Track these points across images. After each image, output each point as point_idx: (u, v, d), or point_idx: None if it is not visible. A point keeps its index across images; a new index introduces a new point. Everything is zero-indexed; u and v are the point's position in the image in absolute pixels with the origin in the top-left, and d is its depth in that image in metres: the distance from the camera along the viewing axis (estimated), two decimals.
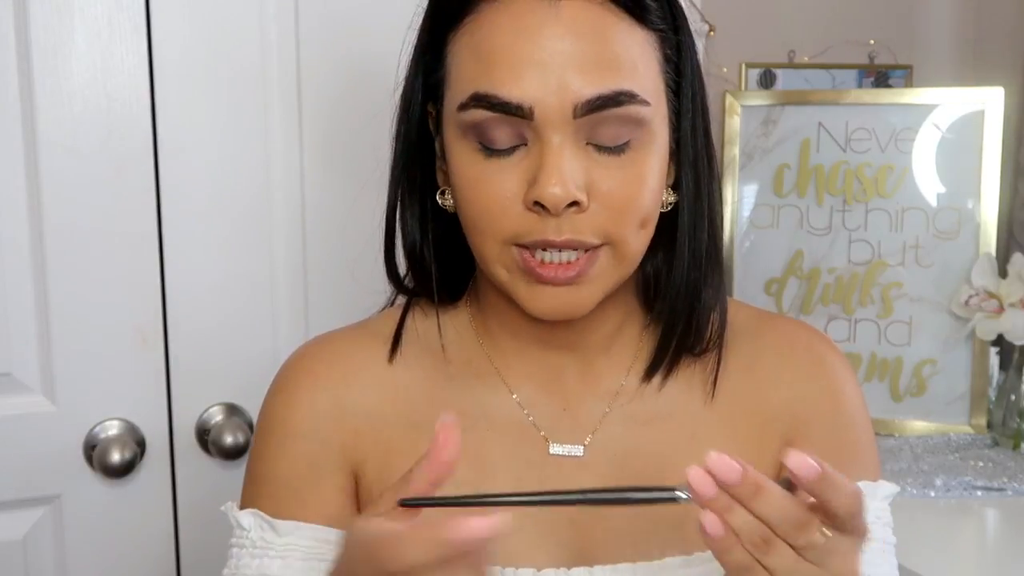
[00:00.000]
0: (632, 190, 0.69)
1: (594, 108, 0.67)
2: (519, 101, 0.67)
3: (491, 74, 0.67)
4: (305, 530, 0.76)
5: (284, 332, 1.24)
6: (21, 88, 1.12)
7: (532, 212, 0.68)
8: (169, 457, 1.22)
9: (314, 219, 1.25)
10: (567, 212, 0.67)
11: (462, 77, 0.70)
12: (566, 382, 0.79)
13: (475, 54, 0.69)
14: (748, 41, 1.60)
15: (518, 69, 0.67)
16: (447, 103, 0.72)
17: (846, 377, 0.82)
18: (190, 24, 1.16)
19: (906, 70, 1.64)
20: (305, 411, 0.79)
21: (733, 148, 1.52)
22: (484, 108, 0.68)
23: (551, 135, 0.67)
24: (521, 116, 0.67)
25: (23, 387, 1.16)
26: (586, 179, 0.68)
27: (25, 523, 1.18)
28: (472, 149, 0.70)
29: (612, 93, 0.67)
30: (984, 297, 1.41)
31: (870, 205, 1.48)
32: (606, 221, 0.69)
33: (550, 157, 0.67)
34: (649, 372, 0.79)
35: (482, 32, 0.69)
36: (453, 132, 0.71)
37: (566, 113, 0.67)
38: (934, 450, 1.40)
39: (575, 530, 0.76)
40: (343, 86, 1.24)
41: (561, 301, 0.70)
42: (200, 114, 1.18)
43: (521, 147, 0.69)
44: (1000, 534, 1.23)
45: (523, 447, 0.78)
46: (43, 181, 1.13)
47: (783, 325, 0.84)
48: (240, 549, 0.77)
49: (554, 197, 0.66)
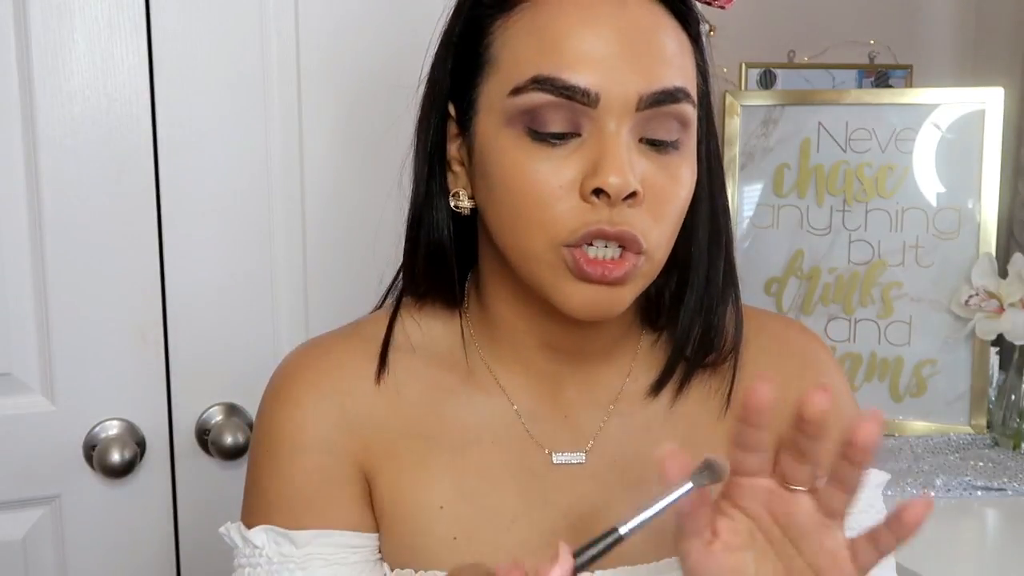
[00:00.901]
0: (673, 191, 0.70)
1: (656, 102, 0.67)
2: (587, 86, 0.66)
3: (557, 58, 0.67)
4: (325, 537, 0.75)
5: (284, 332, 1.24)
6: (21, 88, 1.12)
7: (587, 203, 0.67)
8: (169, 457, 1.22)
9: (314, 219, 1.24)
10: (621, 206, 0.67)
11: (519, 60, 0.69)
12: (566, 391, 0.79)
13: (537, 37, 0.68)
14: (748, 41, 1.60)
15: (586, 56, 0.67)
16: (488, 90, 0.71)
17: (832, 371, 0.83)
18: (190, 24, 1.16)
19: (906, 70, 1.64)
20: (312, 423, 0.77)
21: (733, 148, 1.52)
22: (546, 91, 0.67)
23: (614, 124, 0.67)
24: (585, 103, 0.67)
25: (23, 387, 1.16)
26: (640, 174, 0.68)
27: (25, 523, 1.18)
28: (520, 136, 0.68)
29: (674, 88, 0.68)
30: (984, 297, 1.41)
31: (870, 205, 1.48)
32: (649, 220, 0.68)
33: (611, 146, 0.67)
34: (657, 387, 0.79)
35: (544, 17, 0.69)
36: (495, 121, 0.70)
37: (630, 104, 0.67)
38: (934, 450, 1.40)
39: (576, 536, 0.76)
40: (343, 85, 1.24)
41: (602, 298, 0.69)
42: (200, 114, 1.18)
43: (573, 137, 0.68)
44: (1000, 534, 1.23)
45: (526, 457, 0.77)
46: (43, 180, 1.13)
47: (771, 324, 0.84)
48: (252, 568, 0.76)
49: (617, 185, 0.66)
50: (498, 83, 0.70)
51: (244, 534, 0.77)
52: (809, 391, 0.57)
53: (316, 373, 0.78)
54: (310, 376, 0.78)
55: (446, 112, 0.75)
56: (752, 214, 1.53)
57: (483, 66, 0.71)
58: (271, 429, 0.78)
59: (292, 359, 0.81)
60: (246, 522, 0.78)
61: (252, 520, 0.78)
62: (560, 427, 0.78)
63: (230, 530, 0.79)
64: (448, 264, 0.77)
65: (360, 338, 0.80)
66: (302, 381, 0.78)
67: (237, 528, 0.78)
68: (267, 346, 1.23)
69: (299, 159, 1.23)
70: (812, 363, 0.82)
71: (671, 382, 0.78)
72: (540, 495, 0.77)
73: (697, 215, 0.75)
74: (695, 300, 0.75)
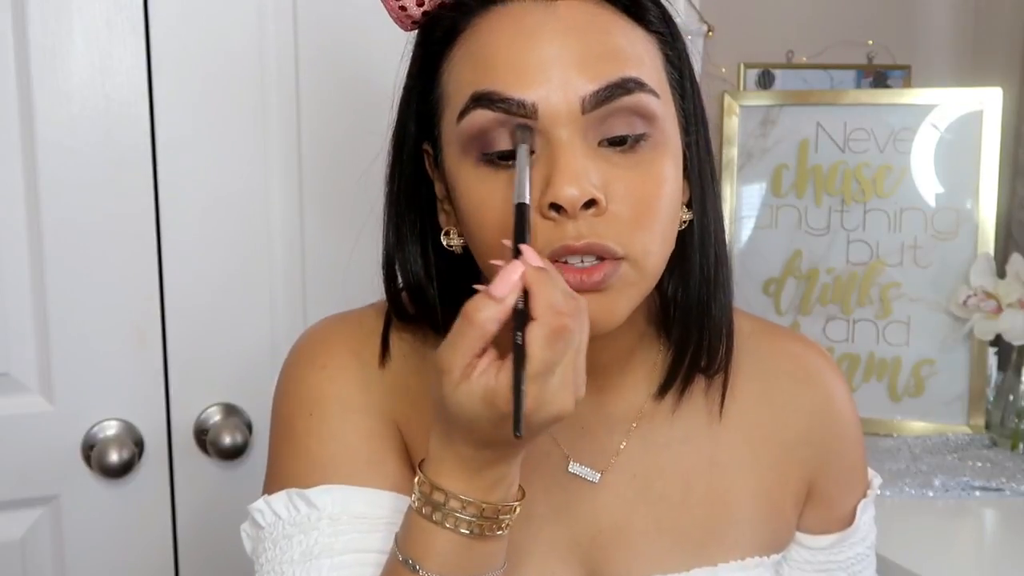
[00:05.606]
0: (649, 190, 0.66)
1: (603, 100, 0.64)
2: (521, 98, 0.64)
3: (490, 74, 0.65)
4: (401, 502, 0.71)
5: (282, 333, 1.23)
6: (20, 88, 1.12)
7: (548, 220, 0.64)
8: (167, 457, 1.22)
9: (312, 218, 1.25)
10: (585, 215, 0.64)
11: (461, 84, 0.67)
12: (583, 404, 0.77)
13: (472, 61, 0.67)
14: (746, 41, 1.60)
15: (519, 67, 0.65)
16: (445, 124, 0.69)
17: (847, 397, 0.84)
18: (188, 24, 1.16)
19: (904, 70, 1.64)
20: (357, 386, 0.75)
21: (732, 148, 1.52)
22: (485, 107, 0.65)
23: (559, 133, 0.64)
24: (525, 115, 0.64)
25: (21, 387, 1.16)
26: (602, 180, 0.64)
27: (23, 523, 1.18)
28: (475, 165, 0.66)
29: (619, 80, 0.65)
30: (982, 297, 1.41)
31: (868, 205, 1.48)
32: (626, 227, 0.65)
33: (561, 155, 0.64)
34: (662, 391, 0.77)
35: (479, 41, 0.68)
36: (454, 154, 0.68)
37: (573, 110, 0.64)
38: (932, 450, 1.40)
39: (597, 549, 0.76)
40: (341, 86, 1.24)
41: (591, 309, 0.63)
42: (198, 114, 1.18)
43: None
44: (998, 534, 1.23)
45: (550, 464, 0.77)
46: (41, 181, 1.13)
47: (792, 347, 0.84)
48: (305, 535, 0.71)
49: (570, 196, 0.62)
50: (449, 115, 0.69)
51: (304, 494, 0.72)
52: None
53: (355, 341, 0.78)
54: (351, 344, 0.78)
55: (417, 154, 0.74)
56: (750, 214, 1.53)
57: (437, 103, 0.70)
58: (308, 389, 0.76)
59: (324, 327, 0.80)
60: (287, 487, 0.73)
61: (304, 482, 0.73)
62: (579, 437, 0.78)
63: (271, 503, 0.73)
64: (429, 300, 0.75)
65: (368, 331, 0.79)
66: (342, 346, 0.77)
67: (287, 495, 0.73)
68: (265, 347, 1.23)
69: (297, 160, 1.23)
70: (832, 395, 0.82)
71: (675, 387, 0.77)
72: (561, 503, 0.76)
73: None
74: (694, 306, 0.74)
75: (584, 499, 0.77)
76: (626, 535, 0.76)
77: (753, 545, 0.78)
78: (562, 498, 0.76)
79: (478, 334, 0.57)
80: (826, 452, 0.81)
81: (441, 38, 0.70)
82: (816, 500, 0.82)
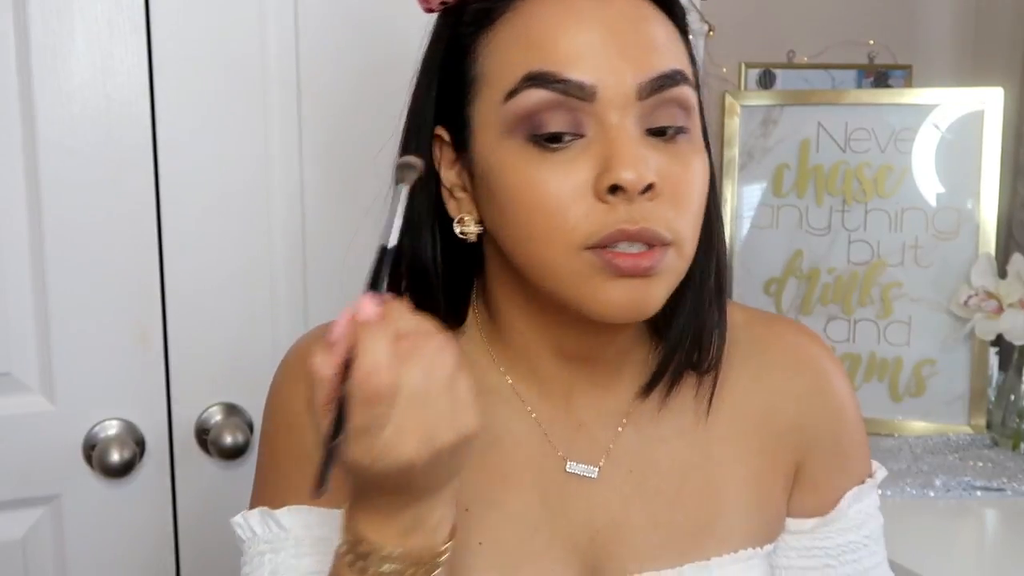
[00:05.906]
0: (690, 178, 0.68)
1: (656, 88, 0.66)
2: (581, 80, 0.65)
3: (547, 54, 0.65)
4: None
5: (284, 332, 1.24)
6: (21, 88, 1.12)
7: (603, 203, 0.64)
8: (168, 457, 1.22)
9: (314, 219, 1.25)
10: (640, 200, 0.64)
11: (509, 65, 0.67)
12: (579, 399, 0.78)
13: (524, 40, 0.67)
14: (747, 41, 1.60)
15: (576, 50, 0.65)
16: (482, 106, 0.69)
17: (843, 383, 0.83)
18: (189, 24, 1.17)
19: (905, 70, 1.64)
20: None
21: (732, 148, 1.52)
22: (540, 87, 0.65)
23: (614, 117, 0.65)
24: (582, 98, 0.65)
25: (22, 387, 1.16)
26: (655, 165, 0.66)
27: (24, 523, 1.18)
28: (522, 146, 0.66)
29: (671, 71, 0.67)
30: (983, 297, 1.41)
31: (869, 205, 1.48)
32: (671, 212, 0.66)
33: (621, 139, 0.65)
34: (649, 387, 0.77)
35: (528, 21, 0.68)
36: (493, 135, 0.68)
37: (630, 95, 0.65)
38: (933, 450, 1.40)
39: (596, 547, 0.76)
40: (343, 85, 1.24)
41: (637, 295, 0.66)
42: (199, 114, 1.18)
43: (577, 139, 0.66)
44: (999, 534, 1.23)
45: (545, 463, 0.77)
46: (42, 181, 1.13)
47: (785, 333, 0.83)
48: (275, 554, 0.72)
49: (633, 178, 0.63)
50: (490, 95, 0.68)
51: (273, 516, 0.73)
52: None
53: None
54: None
55: (430, 140, 0.73)
56: (751, 214, 1.53)
57: (471, 84, 0.70)
58: (292, 408, 0.75)
59: (310, 340, 0.79)
60: (272, 506, 0.74)
61: (279, 503, 0.74)
62: (576, 434, 0.78)
63: (247, 518, 0.75)
64: (433, 292, 0.74)
65: None
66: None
67: (261, 513, 0.74)
68: (267, 346, 1.23)
69: (298, 159, 1.23)
70: (826, 377, 0.82)
71: (661, 384, 0.77)
72: (559, 501, 0.76)
73: None
74: (689, 303, 0.74)
75: (581, 497, 0.76)
76: (623, 531, 0.76)
77: (745, 537, 0.78)
78: (559, 499, 0.76)
79: (317, 378, 0.55)
80: (815, 434, 0.80)
81: (473, 20, 0.70)
82: (801, 482, 0.81)
